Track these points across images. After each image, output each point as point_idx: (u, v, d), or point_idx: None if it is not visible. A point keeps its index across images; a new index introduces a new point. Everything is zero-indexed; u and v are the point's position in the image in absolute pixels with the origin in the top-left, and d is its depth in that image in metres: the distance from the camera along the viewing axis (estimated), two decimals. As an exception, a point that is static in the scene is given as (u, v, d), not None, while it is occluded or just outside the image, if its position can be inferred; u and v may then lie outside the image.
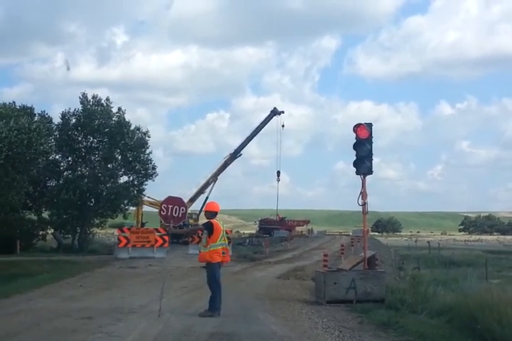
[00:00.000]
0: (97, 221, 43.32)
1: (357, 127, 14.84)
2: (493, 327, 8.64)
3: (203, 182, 44.17)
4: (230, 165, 44.88)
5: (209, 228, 12.09)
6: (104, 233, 45.58)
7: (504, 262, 23.34)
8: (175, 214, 14.24)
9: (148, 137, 43.55)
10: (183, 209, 14.43)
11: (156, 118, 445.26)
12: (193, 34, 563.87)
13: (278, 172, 53.25)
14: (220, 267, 12.24)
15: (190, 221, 39.06)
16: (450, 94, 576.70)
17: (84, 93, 42.85)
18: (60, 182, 40.83)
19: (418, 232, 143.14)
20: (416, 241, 62.46)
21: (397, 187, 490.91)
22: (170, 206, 14.32)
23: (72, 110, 41.76)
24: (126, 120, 42.51)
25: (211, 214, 12.52)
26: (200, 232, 13.80)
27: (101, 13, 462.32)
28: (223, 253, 12.17)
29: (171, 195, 14.70)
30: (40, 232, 42.43)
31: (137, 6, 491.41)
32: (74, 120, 41.61)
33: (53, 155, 38.10)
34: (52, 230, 43.71)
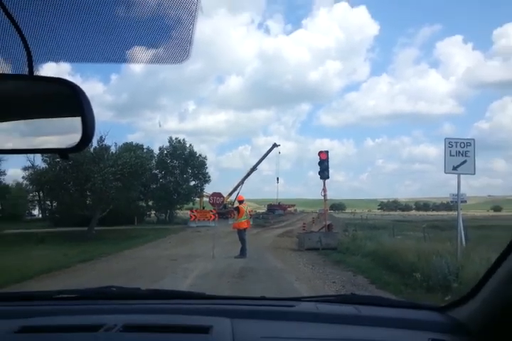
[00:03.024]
0: (178, 206, 43.38)
1: (320, 153, 15.02)
2: (397, 263, 8.59)
3: (235, 184, 44.11)
4: (251, 175, 44.62)
5: (237, 210, 12.62)
6: (182, 213, 45.55)
7: (404, 226, 23.19)
8: (217, 202, 14.44)
9: (206, 160, 43.76)
10: (221, 198, 14.69)
11: (211, 149, 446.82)
12: (231, 104, 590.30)
13: (277, 179, 52.67)
14: (245, 230, 12.42)
15: (229, 206, 38.85)
16: (371, 134, 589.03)
17: (171, 137, 44.07)
18: (158, 185, 41.02)
19: (355, 210, 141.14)
20: (354, 215, 61.80)
21: (343, 185, 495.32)
22: (214, 197, 14.47)
23: (164, 146, 42.52)
24: (194, 151, 42.93)
25: (239, 201, 13.06)
26: (233, 212, 14.19)
27: (181, 93, 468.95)
28: (247, 223, 12.65)
29: (215, 191, 14.99)
30: (147, 213, 42.87)
31: (200, 89, 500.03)
32: (165, 151, 42.02)
33: (154, 171, 38.34)
34: (154, 211, 43.94)
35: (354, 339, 1.27)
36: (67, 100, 0.84)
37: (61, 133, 0.85)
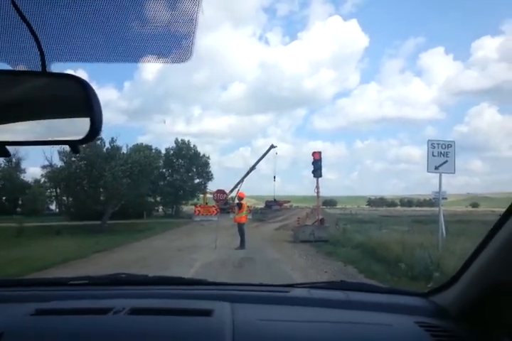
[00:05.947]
0: (183, 202, 43.22)
1: (314, 153, 15.01)
2: (383, 254, 8.58)
3: (236, 182, 44.00)
4: (250, 174, 44.46)
5: (239, 206, 12.53)
6: (187, 208, 45.45)
7: (390, 221, 22.99)
8: (221, 198, 14.38)
9: (209, 160, 43.72)
10: (225, 195, 14.69)
11: (215, 150, 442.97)
12: (233, 109, 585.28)
13: (274, 177, 52.51)
14: (244, 224, 12.40)
15: (231, 201, 38.78)
16: (361, 137, 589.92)
17: (177, 138, 44.78)
18: (165, 182, 40.92)
19: (345, 206, 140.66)
20: (344, 210, 61.66)
21: (334, 183, 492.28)
22: (218, 194, 14.42)
23: (171, 146, 42.50)
24: (198, 151, 42.93)
25: (240, 198, 13.02)
26: (234, 208, 14.13)
27: (187, 99, 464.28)
28: (246, 218, 12.69)
29: (219, 189, 14.95)
30: (155, 207, 42.65)
31: (205, 95, 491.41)
32: (172, 151, 41.86)
33: (162, 169, 38.19)
34: (161, 206, 43.82)
35: (344, 322, 1.26)
36: (76, 94, 0.82)
37: (71, 125, 0.84)
